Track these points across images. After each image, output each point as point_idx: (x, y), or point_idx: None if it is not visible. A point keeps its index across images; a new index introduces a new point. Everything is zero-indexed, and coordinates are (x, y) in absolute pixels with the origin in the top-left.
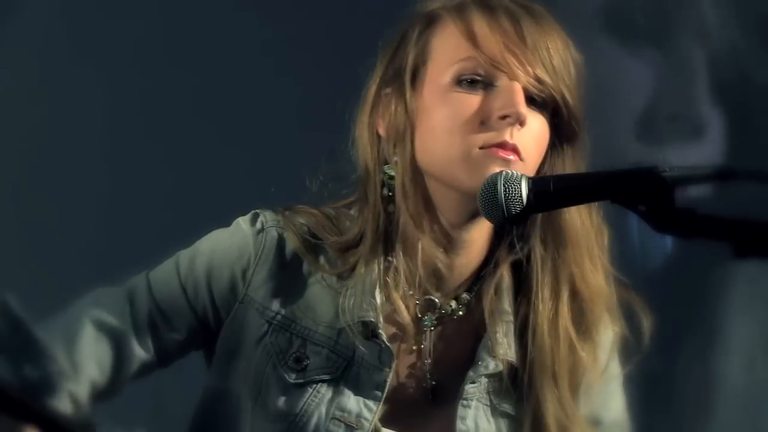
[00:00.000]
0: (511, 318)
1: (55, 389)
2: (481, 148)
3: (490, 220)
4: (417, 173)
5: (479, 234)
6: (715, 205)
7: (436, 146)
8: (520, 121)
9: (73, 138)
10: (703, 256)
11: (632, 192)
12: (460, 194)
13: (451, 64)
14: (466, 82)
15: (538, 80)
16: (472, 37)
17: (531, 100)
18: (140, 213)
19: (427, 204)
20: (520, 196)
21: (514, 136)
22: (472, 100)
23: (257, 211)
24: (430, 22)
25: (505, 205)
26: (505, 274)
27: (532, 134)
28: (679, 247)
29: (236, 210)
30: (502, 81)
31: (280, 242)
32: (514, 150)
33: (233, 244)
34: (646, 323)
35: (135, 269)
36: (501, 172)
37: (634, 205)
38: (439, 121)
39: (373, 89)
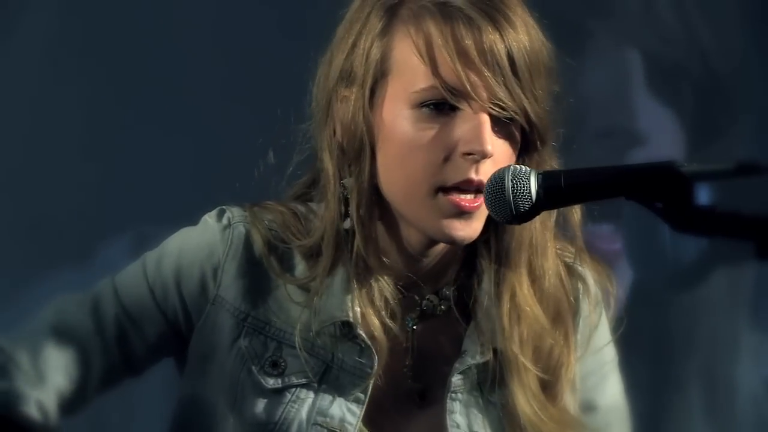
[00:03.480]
0: (495, 305)
1: (22, 398)
2: (443, 188)
3: (496, 218)
4: (374, 199)
5: None
6: (737, 202)
7: (397, 181)
8: (486, 157)
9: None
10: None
11: (649, 188)
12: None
13: (411, 89)
14: (429, 107)
15: (501, 106)
16: (431, 62)
17: (495, 120)
18: (109, 212)
19: (388, 227)
20: (529, 193)
21: (480, 169)
22: (436, 134)
23: (223, 207)
24: (388, 24)
25: (513, 202)
26: (485, 264)
27: (500, 161)
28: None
29: (203, 207)
30: (465, 107)
31: (248, 239)
32: (479, 187)
33: (202, 241)
34: (613, 300)
35: (91, 270)
36: (509, 166)
37: (651, 203)
38: (399, 153)
39: (329, 84)
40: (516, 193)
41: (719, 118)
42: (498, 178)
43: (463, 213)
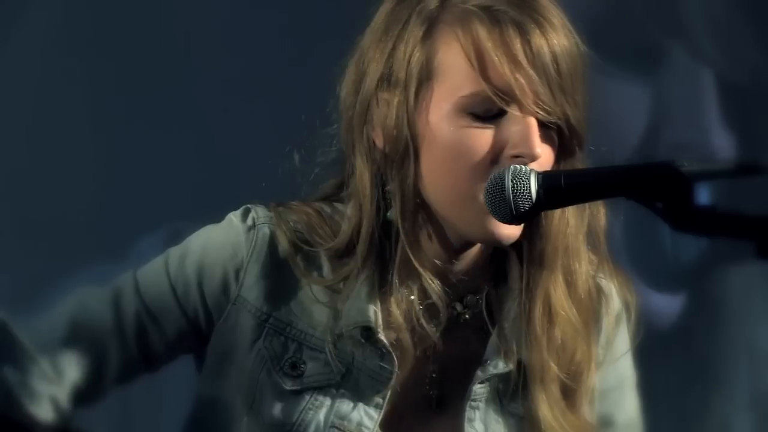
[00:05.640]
0: (521, 313)
1: (35, 393)
2: None
3: (496, 218)
4: (418, 203)
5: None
6: (737, 201)
7: (443, 185)
8: (534, 160)
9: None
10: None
11: (649, 188)
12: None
13: (459, 93)
14: (476, 115)
15: (546, 111)
16: (481, 66)
17: (539, 124)
18: (130, 209)
19: (428, 231)
20: (529, 193)
21: None
22: (483, 137)
23: (248, 206)
24: (431, 28)
25: (513, 202)
26: (515, 269)
27: (544, 165)
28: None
29: (228, 206)
30: (513, 110)
31: (272, 240)
32: None
33: (227, 241)
34: (633, 308)
35: (124, 265)
36: (509, 166)
37: (651, 202)
38: (446, 157)
39: (368, 89)
40: (516, 192)
41: None
42: (498, 177)
43: None
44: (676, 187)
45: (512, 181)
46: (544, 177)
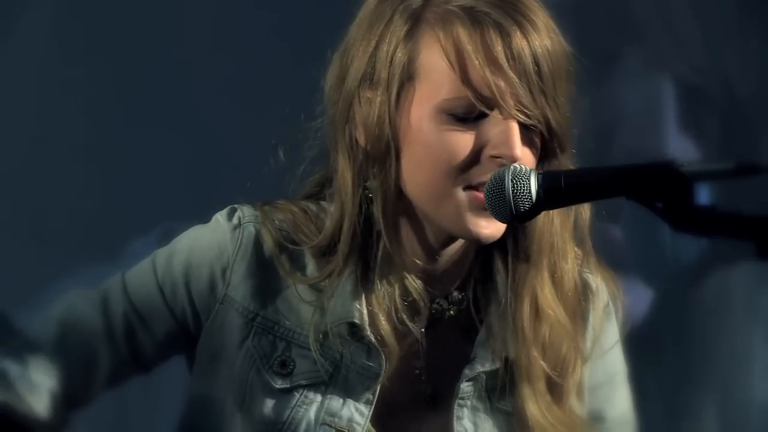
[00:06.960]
0: (507, 311)
1: (34, 385)
2: (468, 186)
3: (496, 218)
4: (399, 199)
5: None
6: (737, 201)
7: (420, 180)
8: (513, 162)
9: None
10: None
11: (649, 188)
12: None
13: (440, 95)
14: (456, 116)
15: (527, 114)
16: (462, 69)
17: (520, 126)
18: (124, 210)
19: (409, 228)
20: (529, 193)
21: None
22: (464, 138)
23: (234, 205)
24: (414, 27)
25: (513, 202)
26: (500, 266)
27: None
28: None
29: (222, 207)
30: (494, 113)
31: (258, 239)
32: None
33: (213, 241)
34: (621, 307)
35: (118, 266)
36: (509, 166)
37: (651, 202)
38: (426, 157)
39: (350, 86)
40: (516, 192)
41: (741, 147)
42: (498, 177)
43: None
44: (676, 187)
45: (512, 181)
46: (544, 177)
